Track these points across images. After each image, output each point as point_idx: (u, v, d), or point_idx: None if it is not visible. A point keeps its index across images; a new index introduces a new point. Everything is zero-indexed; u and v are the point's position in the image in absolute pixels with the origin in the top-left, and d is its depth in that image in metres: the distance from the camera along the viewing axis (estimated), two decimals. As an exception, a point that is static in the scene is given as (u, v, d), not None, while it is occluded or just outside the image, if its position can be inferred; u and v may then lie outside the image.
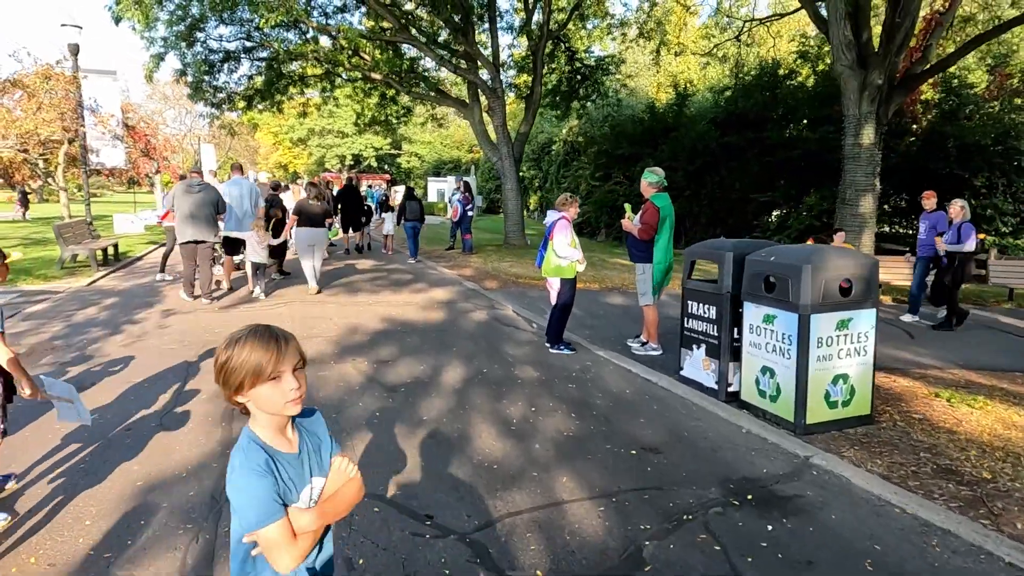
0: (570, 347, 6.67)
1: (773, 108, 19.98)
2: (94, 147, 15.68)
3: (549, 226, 6.48)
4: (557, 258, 6.39)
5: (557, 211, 6.57)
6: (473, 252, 15.64)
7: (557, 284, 6.52)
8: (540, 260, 6.65)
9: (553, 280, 6.52)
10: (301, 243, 9.41)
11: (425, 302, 9.24)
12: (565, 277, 6.50)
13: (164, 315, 7.89)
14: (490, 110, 16.31)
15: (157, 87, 41.44)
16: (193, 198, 8.53)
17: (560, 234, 6.38)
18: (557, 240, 6.35)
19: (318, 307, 8.53)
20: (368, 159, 48.30)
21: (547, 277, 6.57)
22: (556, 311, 6.63)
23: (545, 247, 6.52)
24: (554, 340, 6.69)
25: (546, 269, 6.49)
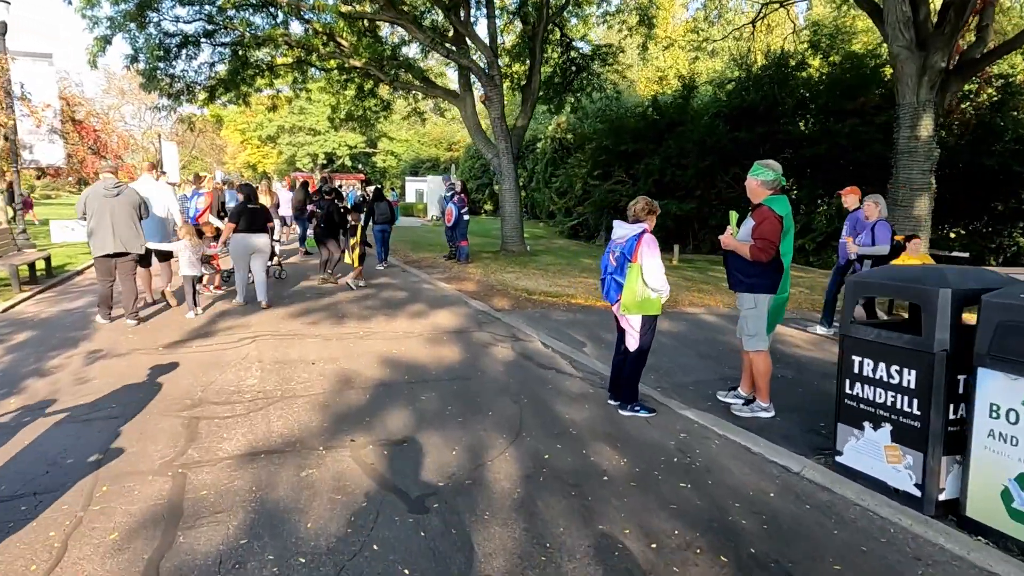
0: (648, 408, 4.90)
1: (783, 101, 18.50)
2: (26, 142, 13.45)
3: (629, 243, 4.69)
4: (645, 289, 4.60)
5: (631, 221, 4.80)
6: (469, 261, 13.78)
7: (639, 324, 4.73)
8: (611, 291, 4.83)
9: (634, 318, 4.73)
10: (237, 251, 8.35)
11: (430, 332, 7.38)
12: (650, 314, 4.72)
13: (88, 360, 5.91)
14: (486, 100, 14.46)
15: (114, 80, 38.69)
16: (111, 203, 7.13)
17: (652, 256, 4.61)
18: (649, 265, 4.59)
19: (296, 345, 6.61)
20: (342, 158, 46.05)
21: (625, 314, 4.76)
22: (631, 360, 4.84)
23: (622, 272, 4.71)
24: (628, 398, 4.90)
25: (628, 304, 4.68)
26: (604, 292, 4.96)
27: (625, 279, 4.67)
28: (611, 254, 4.86)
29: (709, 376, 5.88)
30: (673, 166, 18.10)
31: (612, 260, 4.83)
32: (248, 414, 4.56)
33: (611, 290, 4.83)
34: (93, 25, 14.56)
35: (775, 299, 4.59)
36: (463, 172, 40.91)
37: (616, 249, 4.80)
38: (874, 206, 7.18)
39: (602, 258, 5.05)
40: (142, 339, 6.72)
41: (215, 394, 4.98)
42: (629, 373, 4.89)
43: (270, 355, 6.13)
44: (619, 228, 4.86)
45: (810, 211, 16.20)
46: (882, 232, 7.11)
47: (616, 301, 4.78)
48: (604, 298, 5.01)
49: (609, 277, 4.86)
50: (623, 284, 4.67)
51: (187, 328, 7.26)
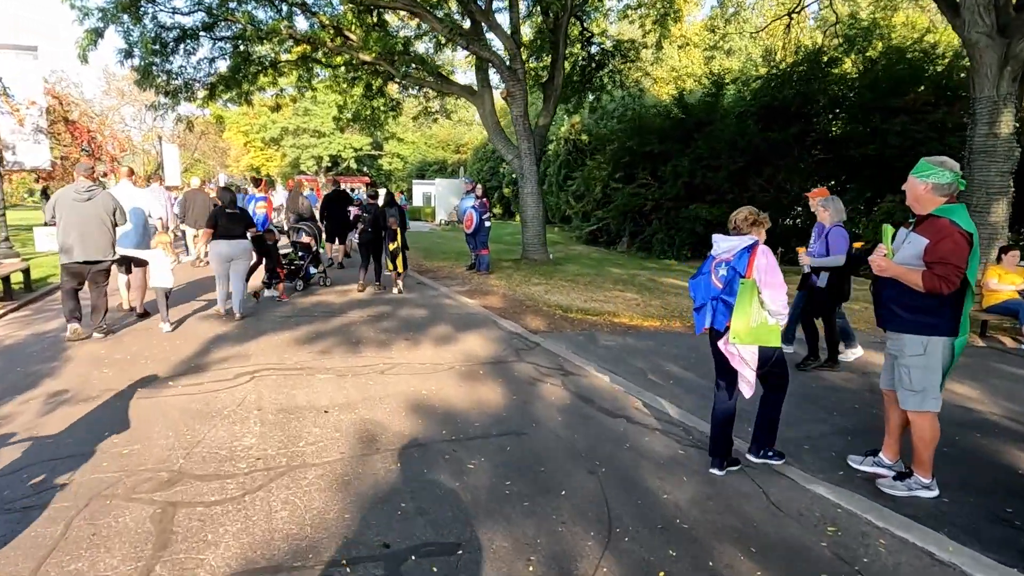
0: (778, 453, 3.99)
1: (817, 98, 17.34)
2: (8, 142, 12.35)
3: (739, 257, 3.58)
4: (761, 312, 3.51)
5: (739, 233, 3.70)
6: (490, 271, 12.63)
7: (754, 359, 3.61)
8: (717, 317, 3.72)
9: (747, 352, 3.60)
10: (216, 259, 7.83)
11: (462, 363, 6.22)
12: (770, 345, 3.60)
13: (47, 405, 4.76)
14: (508, 96, 13.31)
15: (113, 81, 37.65)
16: (81, 207, 6.65)
17: (773, 271, 3.56)
18: (770, 281, 3.55)
19: (303, 384, 5.46)
20: (347, 160, 44.98)
21: (737, 346, 3.62)
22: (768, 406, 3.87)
23: (732, 292, 3.58)
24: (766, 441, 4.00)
25: (739, 332, 3.56)
26: (701, 322, 3.85)
27: (735, 301, 3.53)
28: (712, 274, 3.77)
29: (822, 428, 4.71)
30: (704, 168, 16.93)
31: (715, 280, 3.73)
32: (243, 497, 3.41)
33: (716, 316, 3.70)
34: (83, 16, 13.49)
35: (955, 343, 3.42)
36: (471, 174, 39.80)
37: (721, 267, 3.69)
38: (824, 211, 6.01)
39: (693, 282, 3.96)
40: (117, 373, 5.57)
41: (200, 462, 3.82)
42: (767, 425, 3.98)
43: (272, 399, 4.97)
44: (723, 241, 3.77)
45: (857, 216, 15.00)
46: (837, 240, 5.85)
47: (724, 330, 3.64)
48: (698, 328, 3.89)
49: (710, 302, 3.76)
50: (733, 306, 3.55)
51: (173, 357, 6.11)
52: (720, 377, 3.94)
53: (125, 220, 7.22)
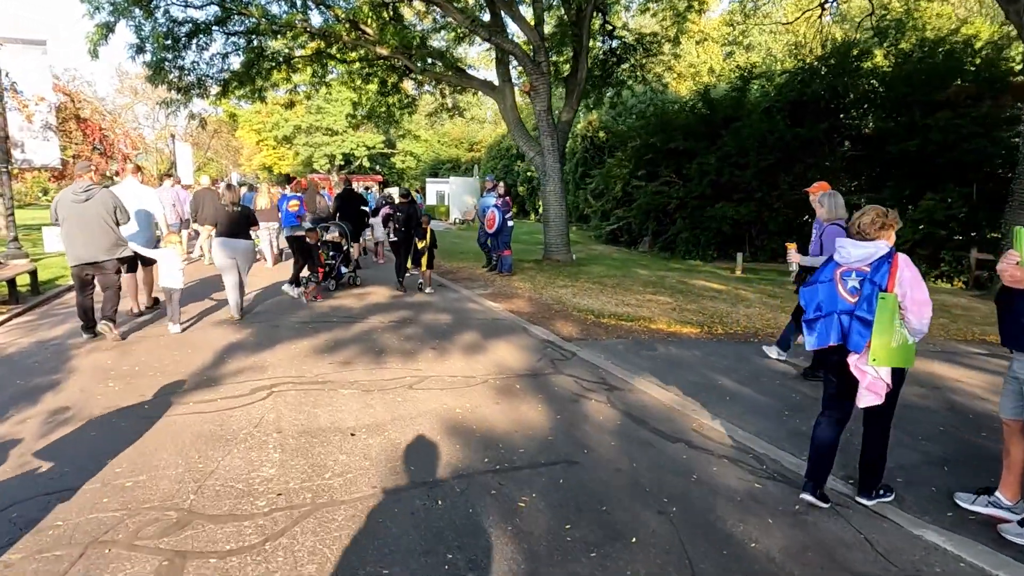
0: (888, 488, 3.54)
1: (847, 93, 16.71)
2: (17, 139, 11.98)
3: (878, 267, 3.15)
4: (903, 332, 3.05)
5: (863, 238, 3.22)
6: (513, 273, 12.12)
7: (884, 380, 3.12)
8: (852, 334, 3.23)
9: (886, 372, 3.13)
10: (219, 257, 7.67)
11: (496, 375, 5.72)
12: (905, 366, 3.14)
13: (46, 426, 4.31)
14: (531, 91, 12.79)
15: (126, 80, 37.49)
16: (79, 208, 6.43)
17: (919, 284, 3.09)
18: (917, 297, 3.11)
19: (326, 400, 4.98)
20: (360, 159, 44.63)
21: (870, 369, 3.13)
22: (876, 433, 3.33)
23: (870, 308, 3.09)
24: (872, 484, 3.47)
25: (881, 354, 3.11)
26: (821, 337, 3.36)
27: (875, 317, 3.03)
28: (837, 284, 3.26)
29: (912, 457, 4.16)
30: (731, 165, 16.34)
31: (843, 292, 3.23)
32: (263, 544, 2.92)
33: (852, 335, 3.19)
34: (94, 11, 13.11)
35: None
36: (485, 172, 39.33)
37: (851, 277, 3.20)
38: (820, 207, 5.54)
39: (807, 290, 3.47)
40: (124, 388, 5.12)
41: (214, 498, 3.35)
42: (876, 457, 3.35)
43: (293, 420, 4.49)
44: (854, 247, 3.28)
45: (893, 215, 14.35)
46: (832, 239, 5.22)
47: (863, 350, 3.14)
48: (818, 343, 3.39)
49: (838, 316, 3.26)
50: (871, 324, 3.05)
51: (184, 368, 5.65)
52: (834, 397, 3.48)
53: (128, 219, 6.96)
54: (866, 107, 16.90)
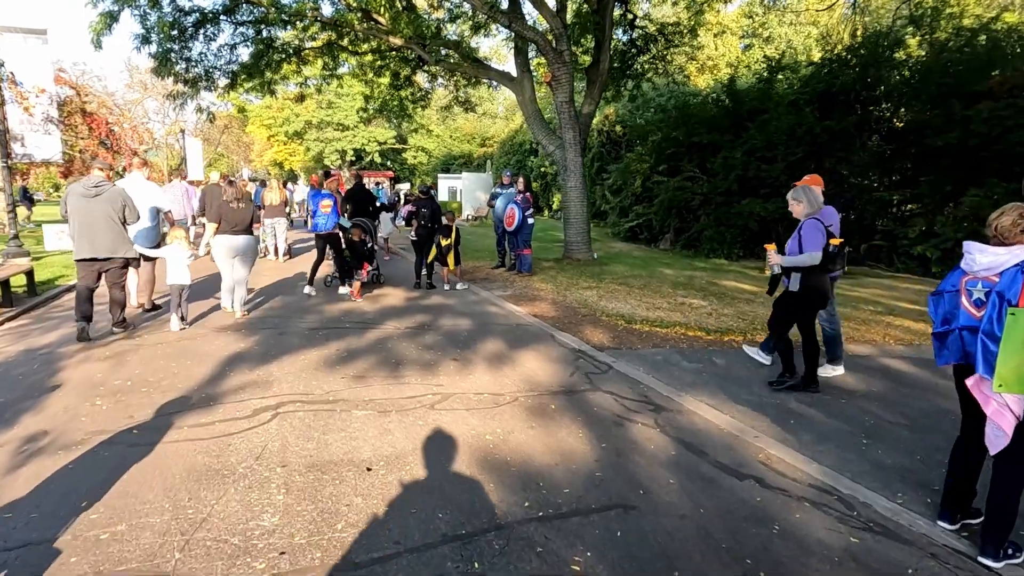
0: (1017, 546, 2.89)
1: (877, 85, 15.93)
2: (17, 133, 11.49)
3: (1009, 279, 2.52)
4: None
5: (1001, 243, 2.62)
6: (533, 272, 11.51)
7: (1020, 407, 2.53)
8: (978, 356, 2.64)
9: (1014, 399, 2.54)
10: (220, 253, 7.59)
11: (526, 393, 5.12)
12: None
13: (14, 459, 3.75)
14: (552, 81, 12.15)
15: (136, 74, 37.06)
16: (89, 204, 6.36)
17: None
18: None
19: (338, 423, 4.39)
20: (371, 154, 44.13)
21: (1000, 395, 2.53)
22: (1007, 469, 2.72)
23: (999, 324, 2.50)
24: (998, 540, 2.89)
25: (1009, 379, 2.53)
26: (946, 354, 2.82)
27: (1003, 335, 2.41)
28: (963, 294, 2.70)
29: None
30: (758, 160, 15.63)
31: (967, 305, 2.66)
32: (261, 627, 2.34)
33: (980, 356, 2.58)
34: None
35: None
36: (497, 168, 38.72)
37: (978, 287, 2.62)
38: (797, 203, 5.21)
39: (933, 299, 2.91)
40: (112, 407, 4.56)
41: (203, 558, 2.77)
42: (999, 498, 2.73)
43: (300, 449, 3.91)
44: (981, 253, 2.72)
45: (934, 212, 13.63)
46: (810, 234, 4.97)
47: (987, 372, 2.54)
48: (948, 360, 2.81)
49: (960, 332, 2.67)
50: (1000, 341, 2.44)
51: (181, 382, 5.09)
52: (968, 419, 2.89)
53: (137, 218, 6.88)
54: (899, 99, 16.11)
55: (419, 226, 9.93)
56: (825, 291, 5.16)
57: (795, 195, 5.21)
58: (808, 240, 4.96)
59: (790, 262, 5.05)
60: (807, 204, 5.11)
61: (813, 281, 5.03)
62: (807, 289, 5.05)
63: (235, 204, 7.48)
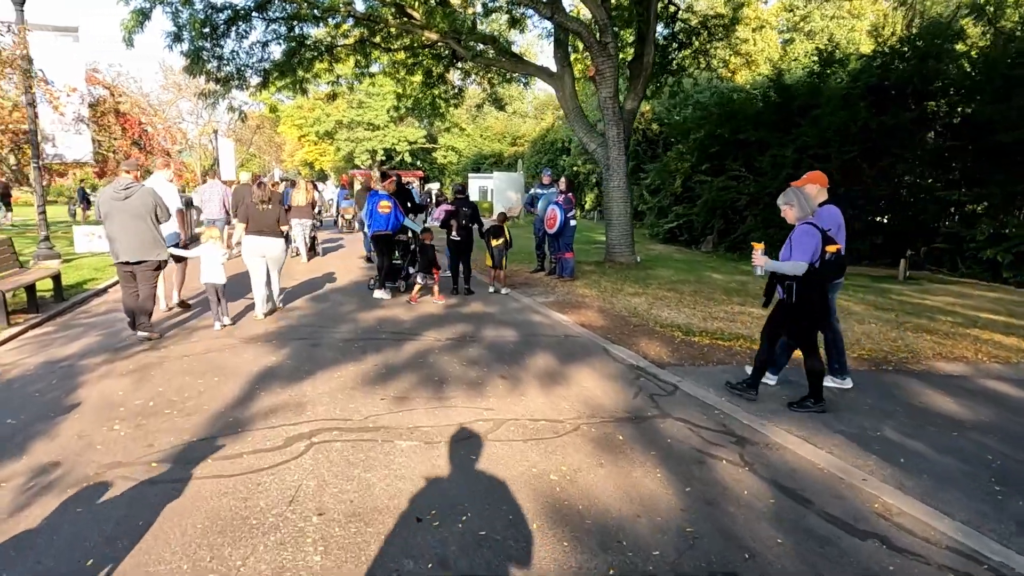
0: None
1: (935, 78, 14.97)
2: (48, 133, 11.27)
3: None
4: None
5: None
6: (575, 277, 10.93)
7: None
8: None
9: None
10: (248, 254, 7.53)
11: (588, 419, 4.55)
12: None
13: (26, 489, 3.31)
14: (596, 75, 11.55)
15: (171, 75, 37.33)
16: (120, 206, 6.31)
17: None
18: None
19: (380, 458, 3.88)
20: (401, 154, 43.92)
21: None
22: None
23: None
24: None
25: None
26: None
27: None
28: None
29: None
30: (810, 157, 14.82)
31: None
32: None
33: None
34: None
35: None
36: (529, 168, 38.23)
37: None
38: (789, 207, 4.78)
39: None
40: (130, 433, 4.10)
41: (227, 644, 2.26)
42: None
43: (339, 491, 3.39)
44: None
45: (1003, 213, 12.72)
46: (802, 240, 4.54)
47: None
48: None
49: None
50: None
51: (207, 403, 4.63)
52: None
53: (168, 217, 6.86)
54: (959, 92, 15.13)
55: (459, 227, 9.43)
56: (824, 304, 4.81)
57: (786, 198, 4.78)
58: (798, 247, 4.53)
59: (772, 267, 4.64)
60: (798, 207, 4.70)
61: (810, 292, 4.56)
62: (802, 301, 4.59)
63: (261, 206, 7.46)
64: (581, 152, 31.71)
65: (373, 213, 8.98)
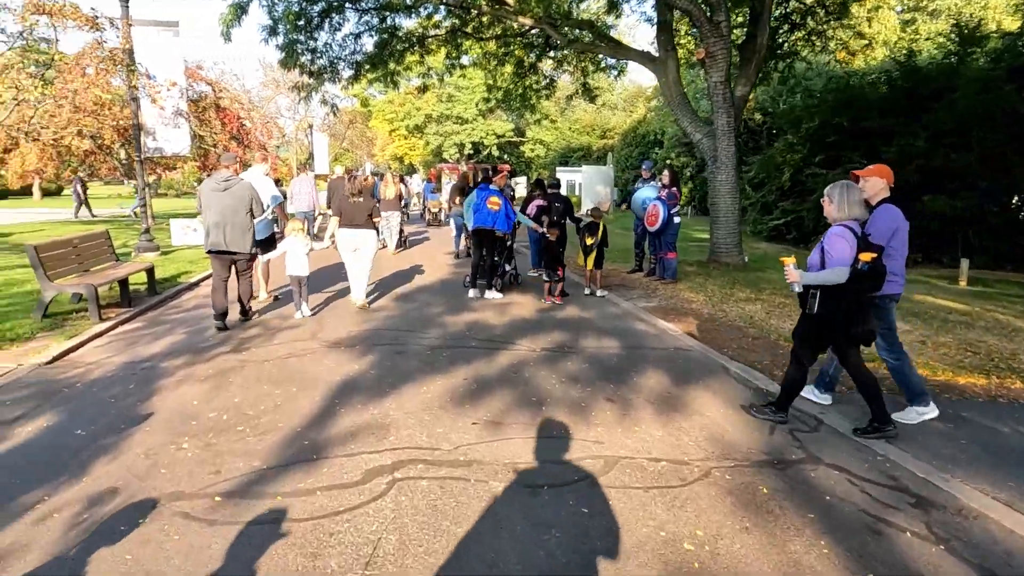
0: None
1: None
2: (150, 127, 11.45)
3: None
4: None
5: None
6: (677, 279, 10.01)
7: None
8: None
9: None
10: (342, 247, 7.71)
11: (719, 461, 3.75)
12: None
13: (77, 521, 2.90)
14: (706, 58, 10.54)
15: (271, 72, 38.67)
16: (219, 198, 6.58)
17: None
18: None
19: (473, 503, 3.26)
20: (489, 147, 43.71)
21: None
22: None
23: None
24: None
25: None
26: None
27: None
28: None
29: None
30: (945, 146, 13.14)
31: None
32: None
33: None
34: (229, -9, 12.43)
35: None
36: (619, 161, 37.07)
37: None
38: (829, 202, 4.19)
39: None
40: (198, 454, 3.68)
41: None
42: None
43: (425, 554, 2.78)
44: None
45: None
46: (836, 244, 3.96)
47: None
48: None
49: None
50: None
51: (283, 419, 4.17)
52: None
53: (263, 212, 7.03)
54: None
55: (551, 223, 8.77)
56: (851, 318, 3.99)
57: (828, 190, 4.18)
58: (833, 250, 3.94)
59: (812, 279, 4.03)
60: (837, 206, 4.09)
61: (834, 304, 3.96)
62: (825, 312, 4.00)
63: (352, 199, 7.57)
64: (675, 144, 30.31)
65: (480, 208, 8.38)
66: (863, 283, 3.92)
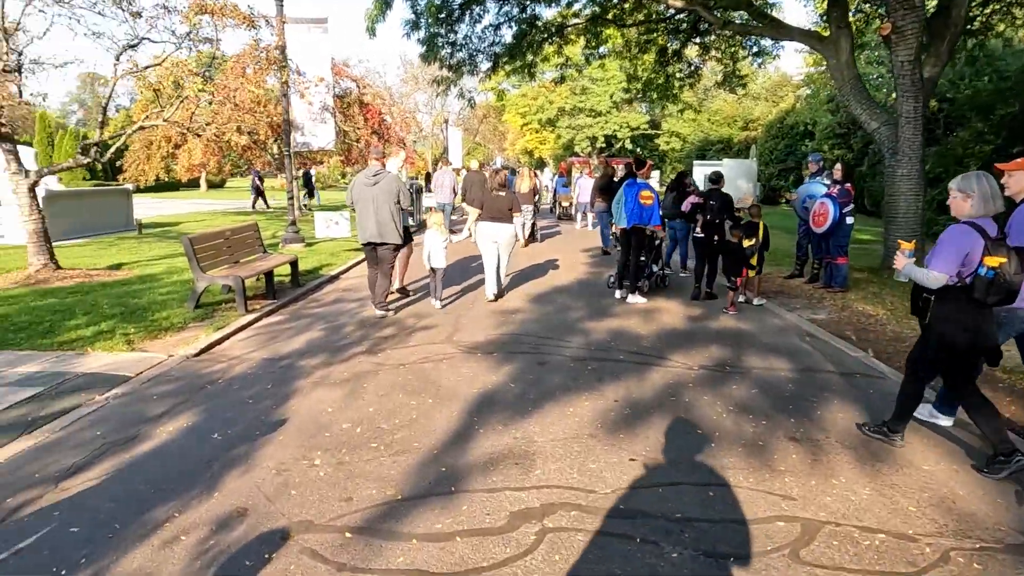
0: None
1: None
2: (298, 122, 11.80)
3: None
4: None
5: None
6: (847, 288, 8.78)
7: None
8: None
9: None
10: (482, 240, 7.76)
11: (956, 545, 2.88)
12: None
13: (201, 548, 2.63)
14: (892, 34, 9.11)
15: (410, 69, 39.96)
16: (371, 191, 6.79)
17: None
18: None
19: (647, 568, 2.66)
20: (622, 140, 42.56)
21: None
22: None
23: None
24: None
25: None
26: None
27: None
28: None
29: None
30: None
31: None
32: None
33: None
34: (374, -15, 12.59)
35: None
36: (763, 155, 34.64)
37: None
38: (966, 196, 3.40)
39: None
40: (330, 474, 3.37)
41: None
42: None
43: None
44: None
45: None
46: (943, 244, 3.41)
47: None
48: None
49: None
50: None
51: (417, 437, 3.79)
52: None
53: (410, 203, 7.20)
54: None
55: (705, 222, 7.94)
56: (971, 333, 3.39)
57: (962, 184, 3.47)
58: (940, 248, 3.42)
59: (910, 273, 3.62)
60: (976, 202, 3.39)
61: (946, 315, 3.46)
62: (940, 323, 3.49)
63: (495, 192, 7.72)
64: (828, 136, 27.78)
65: (631, 204, 7.70)
66: (988, 293, 3.24)
